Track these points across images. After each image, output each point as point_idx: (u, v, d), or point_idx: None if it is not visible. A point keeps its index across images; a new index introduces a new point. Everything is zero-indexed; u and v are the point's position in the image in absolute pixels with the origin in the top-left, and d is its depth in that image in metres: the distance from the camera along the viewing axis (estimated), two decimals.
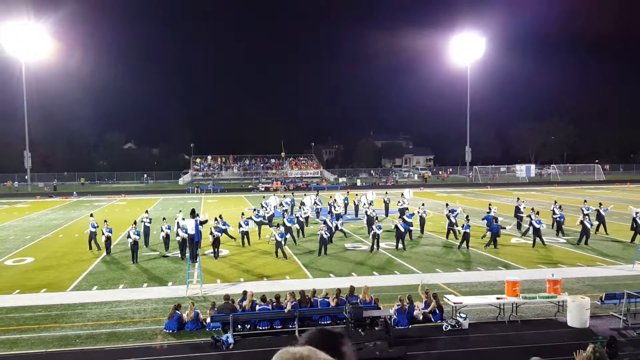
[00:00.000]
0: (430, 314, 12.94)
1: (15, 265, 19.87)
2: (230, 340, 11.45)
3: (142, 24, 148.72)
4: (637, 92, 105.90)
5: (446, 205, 26.93)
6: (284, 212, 27.59)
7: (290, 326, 12.38)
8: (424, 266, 18.81)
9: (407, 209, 27.68)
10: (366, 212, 25.72)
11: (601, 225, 25.15)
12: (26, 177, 62.80)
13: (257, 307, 12.81)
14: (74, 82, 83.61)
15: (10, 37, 55.14)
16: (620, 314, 12.71)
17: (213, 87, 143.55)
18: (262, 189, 58.71)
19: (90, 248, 22.02)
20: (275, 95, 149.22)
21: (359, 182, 67.86)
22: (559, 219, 24.94)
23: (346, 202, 33.87)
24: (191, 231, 16.81)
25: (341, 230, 24.95)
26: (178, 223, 20.67)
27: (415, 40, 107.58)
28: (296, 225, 24.28)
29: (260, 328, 12.36)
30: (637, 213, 23.17)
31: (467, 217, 22.59)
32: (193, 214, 17.21)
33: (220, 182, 67.72)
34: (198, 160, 76.98)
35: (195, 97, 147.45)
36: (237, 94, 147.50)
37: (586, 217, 22.50)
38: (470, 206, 36.69)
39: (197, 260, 16.40)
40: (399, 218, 23.33)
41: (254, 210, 27.61)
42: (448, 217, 24.49)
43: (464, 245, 21.79)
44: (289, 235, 22.33)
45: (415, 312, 12.96)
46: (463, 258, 20.31)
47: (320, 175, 73.42)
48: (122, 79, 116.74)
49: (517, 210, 27.38)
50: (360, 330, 11.80)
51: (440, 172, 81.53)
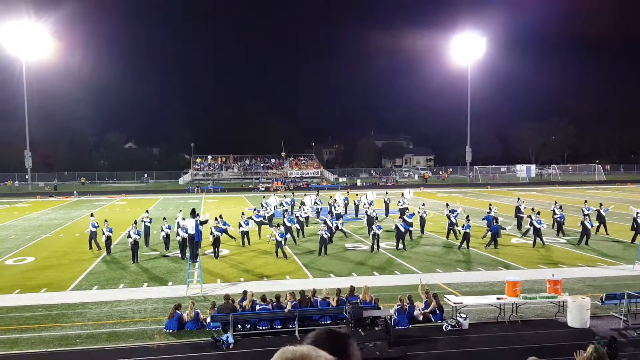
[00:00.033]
0: (430, 314, 12.94)
1: (16, 264, 19.88)
2: (231, 340, 11.45)
3: (142, 24, 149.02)
4: (637, 92, 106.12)
5: (446, 205, 26.93)
6: (284, 212, 27.60)
7: (290, 326, 12.38)
8: (424, 266, 18.80)
9: (408, 209, 27.68)
10: (366, 212, 25.73)
11: (602, 225, 25.15)
12: (27, 177, 62.83)
13: (257, 307, 12.81)
14: (74, 81, 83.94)
15: (10, 37, 55.18)
16: (621, 315, 12.70)
17: (213, 87, 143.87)
18: (263, 189, 58.71)
19: (91, 248, 22.04)
20: (275, 95, 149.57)
21: (359, 182, 67.84)
22: (559, 219, 24.94)
23: (346, 202, 33.89)
24: (191, 231, 16.82)
25: (341, 230, 24.94)
26: (178, 223, 20.68)
27: (415, 40, 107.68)
28: (296, 225, 24.28)
29: (261, 328, 12.35)
30: (638, 213, 23.16)
31: (467, 217, 22.58)
32: (193, 213, 17.22)
33: (220, 182, 67.72)
34: (198, 160, 76.99)
35: (195, 97, 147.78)
36: (237, 94, 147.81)
37: (586, 218, 22.49)
38: (470, 206, 36.67)
39: (198, 260, 16.41)
40: (399, 218, 23.33)
41: (254, 210, 27.60)
42: (448, 217, 24.49)
43: (464, 245, 21.79)
44: (289, 235, 22.33)
45: (415, 312, 12.96)
46: (463, 258, 20.31)
47: (320, 175, 73.43)
48: (123, 79, 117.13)
49: (518, 210, 27.37)
50: (360, 330, 11.79)
51: (440, 172, 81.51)
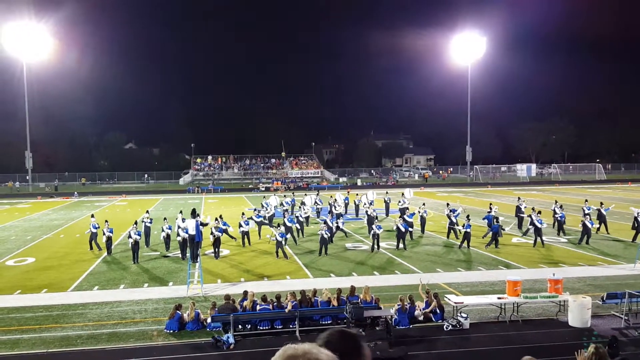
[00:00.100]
0: (431, 314, 12.93)
1: (17, 265, 19.88)
2: (231, 340, 11.45)
3: (142, 24, 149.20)
4: (638, 92, 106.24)
5: (447, 205, 26.91)
6: (284, 212, 27.60)
7: (290, 326, 12.38)
8: (424, 266, 18.80)
9: (408, 208, 27.69)
10: (367, 211, 25.72)
11: (602, 224, 25.14)
12: (27, 178, 62.85)
13: (258, 307, 12.80)
14: (74, 82, 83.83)
15: (11, 38, 55.22)
16: (622, 314, 12.70)
17: (213, 87, 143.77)
18: (263, 189, 58.72)
19: (91, 248, 22.04)
20: (275, 95, 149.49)
21: (359, 182, 67.82)
22: (560, 218, 24.93)
23: (347, 201, 33.90)
24: (192, 231, 16.83)
25: (342, 229, 24.94)
26: (178, 224, 20.67)
27: (415, 40, 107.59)
28: (296, 225, 24.27)
29: (261, 328, 12.35)
30: (639, 213, 23.16)
31: (467, 216, 22.58)
32: (194, 214, 17.23)
33: (220, 182, 67.72)
34: (199, 160, 77.00)
35: (196, 97, 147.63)
36: (237, 94, 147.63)
37: (587, 217, 22.48)
38: (471, 206, 36.65)
39: (198, 260, 16.41)
40: (400, 218, 23.33)
41: (255, 210, 27.60)
42: (449, 216, 24.49)
43: (464, 244, 21.78)
44: (289, 235, 22.33)
45: (416, 312, 12.95)
46: (464, 258, 20.30)
47: (320, 175, 73.43)
48: (123, 79, 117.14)
49: (518, 209, 27.36)
50: (361, 330, 11.78)
51: (440, 172, 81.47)
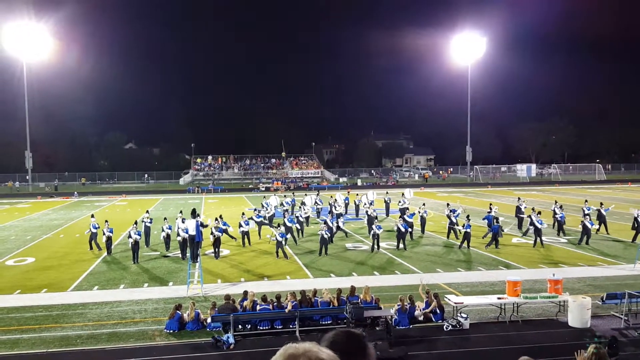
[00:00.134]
0: (431, 314, 12.93)
1: (16, 265, 19.89)
2: (231, 340, 11.45)
3: (142, 24, 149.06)
4: (638, 92, 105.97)
5: (447, 205, 26.91)
6: (284, 212, 27.60)
7: (290, 326, 12.38)
8: (424, 266, 18.80)
9: (408, 208, 27.70)
10: (367, 211, 25.72)
11: (602, 225, 25.14)
12: (27, 177, 62.85)
13: (258, 307, 12.80)
14: (74, 82, 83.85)
15: (11, 37, 55.23)
16: (622, 314, 12.70)
17: (213, 87, 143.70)
18: (263, 189, 58.72)
19: (91, 248, 22.04)
20: (275, 95, 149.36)
21: (359, 182, 67.82)
22: (560, 218, 24.93)
23: (347, 202, 33.91)
24: (192, 231, 16.83)
25: (342, 229, 24.94)
26: (181, 220, 20.65)
27: (415, 40, 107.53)
28: (297, 225, 24.27)
29: (261, 328, 12.35)
30: (639, 213, 23.15)
31: (467, 216, 22.58)
32: (194, 214, 17.24)
33: (220, 182, 67.71)
34: (199, 160, 76.99)
35: (196, 97, 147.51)
36: (237, 94, 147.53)
37: (587, 217, 22.49)
38: (471, 206, 36.65)
39: (198, 260, 16.41)
40: (400, 218, 23.33)
41: (255, 210, 27.60)
42: (449, 216, 24.48)
43: (464, 245, 21.79)
44: (289, 235, 22.33)
45: (416, 312, 12.95)
46: (464, 258, 20.30)
47: (320, 175, 73.42)
48: (123, 79, 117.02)
49: (518, 210, 27.36)
50: (361, 330, 11.78)
51: (440, 172, 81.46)
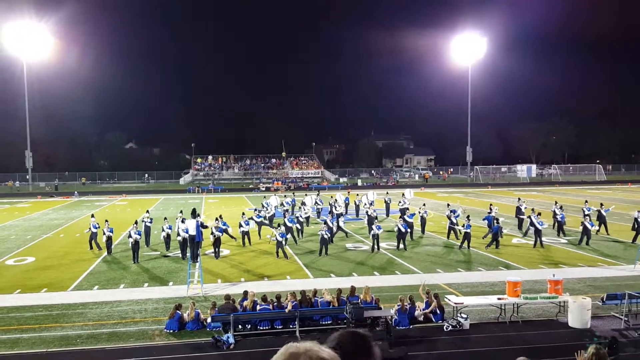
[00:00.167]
0: (431, 315, 12.93)
1: (16, 264, 19.89)
2: (231, 340, 11.45)
3: (142, 24, 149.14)
4: (638, 92, 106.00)
5: (447, 205, 26.91)
6: (284, 212, 27.60)
7: (291, 326, 12.38)
8: (424, 266, 18.80)
9: (408, 209, 27.70)
10: (367, 212, 25.72)
11: (602, 225, 25.13)
12: (27, 177, 62.85)
13: (258, 307, 12.80)
14: (75, 81, 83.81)
15: (11, 37, 55.23)
16: (622, 315, 12.69)
17: (213, 87, 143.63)
18: (263, 189, 58.72)
19: (91, 248, 22.05)
20: (275, 95, 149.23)
21: (359, 182, 67.82)
22: (560, 219, 24.92)
23: (347, 202, 33.91)
24: (192, 231, 16.83)
25: (342, 229, 24.93)
26: (181, 220, 20.65)
27: (416, 40, 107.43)
28: (297, 225, 24.28)
29: (261, 328, 12.35)
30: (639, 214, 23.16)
31: (467, 217, 22.58)
32: (194, 214, 17.24)
33: (221, 182, 67.70)
34: (199, 160, 76.97)
35: (196, 97, 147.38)
36: (237, 94, 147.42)
37: (587, 218, 22.48)
38: (471, 206, 36.65)
39: (198, 260, 16.42)
40: (400, 218, 23.33)
41: (255, 210, 27.61)
42: (449, 217, 24.48)
43: (464, 245, 21.78)
44: (289, 235, 22.33)
45: (416, 313, 12.95)
46: (464, 258, 20.30)
47: (321, 175, 73.40)
48: (123, 79, 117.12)
49: (519, 210, 27.35)
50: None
51: (441, 172, 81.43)
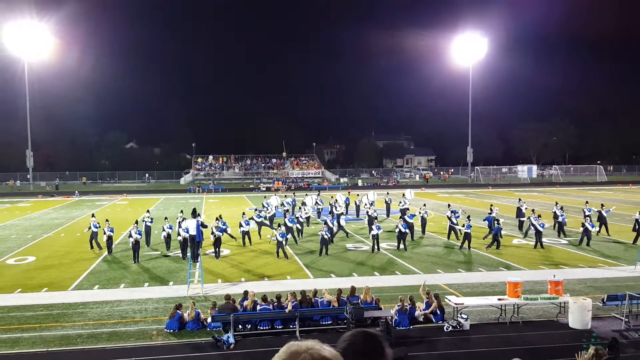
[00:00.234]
0: (431, 315, 12.93)
1: (17, 264, 19.90)
2: (231, 340, 11.45)
3: (142, 24, 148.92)
4: (638, 92, 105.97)
5: (448, 205, 26.90)
6: (285, 212, 27.61)
7: (291, 326, 12.38)
8: (425, 267, 18.79)
9: (409, 209, 27.70)
10: (367, 212, 25.72)
11: (603, 226, 25.11)
12: (28, 176, 62.87)
13: (258, 307, 12.80)
14: (75, 81, 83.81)
15: (12, 37, 55.29)
16: (622, 316, 12.69)
17: (213, 87, 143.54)
18: (264, 189, 58.73)
19: (92, 247, 22.06)
20: (275, 95, 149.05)
21: (360, 183, 67.81)
22: (561, 220, 24.90)
23: (347, 202, 33.91)
24: (192, 231, 16.83)
25: (343, 228, 24.92)
26: (179, 223, 20.69)
27: (416, 40, 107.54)
28: (297, 225, 24.28)
29: (261, 328, 12.35)
30: None
31: (468, 217, 22.57)
32: (194, 213, 17.24)
33: (221, 182, 67.69)
34: (199, 160, 76.96)
35: (196, 97, 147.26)
36: (237, 94, 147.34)
37: (587, 219, 22.46)
38: (471, 207, 36.64)
39: (198, 260, 16.42)
40: (400, 218, 23.33)
41: (255, 210, 27.61)
42: (449, 217, 24.46)
43: (465, 245, 21.78)
44: (289, 235, 22.33)
45: (416, 313, 12.95)
46: (464, 259, 20.29)
47: (321, 176, 73.38)
48: (123, 79, 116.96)
49: (519, 211, 27.34)
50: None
51: (441, 173, 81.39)
